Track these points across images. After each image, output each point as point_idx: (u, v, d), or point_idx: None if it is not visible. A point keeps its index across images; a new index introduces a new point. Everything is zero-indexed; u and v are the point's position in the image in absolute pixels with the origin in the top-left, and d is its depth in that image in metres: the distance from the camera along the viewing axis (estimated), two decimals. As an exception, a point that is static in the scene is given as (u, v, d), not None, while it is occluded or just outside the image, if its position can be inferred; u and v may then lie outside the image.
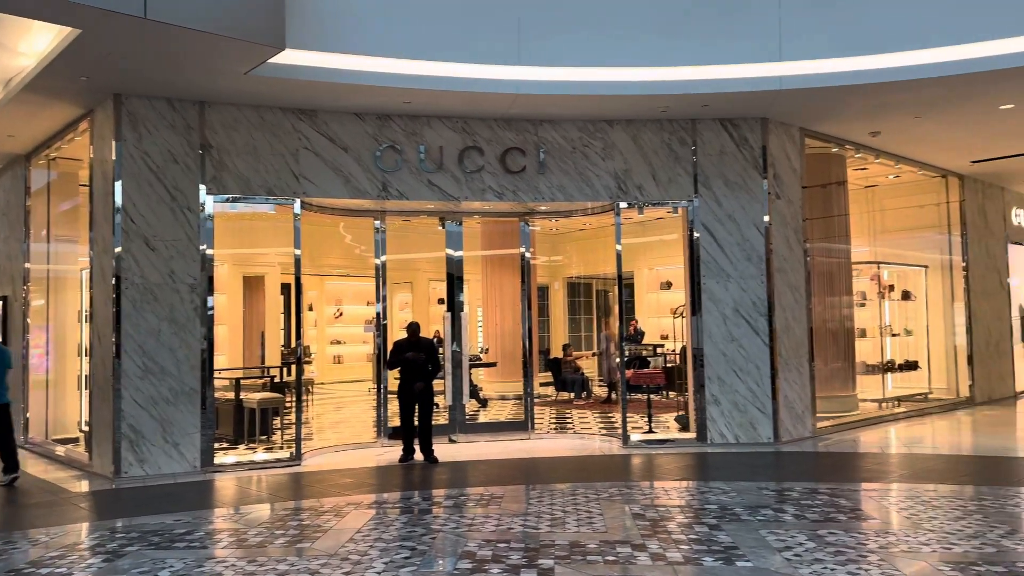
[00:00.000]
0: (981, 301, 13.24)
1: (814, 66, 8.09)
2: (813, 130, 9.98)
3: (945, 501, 6.15)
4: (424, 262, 14.87)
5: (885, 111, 9.17)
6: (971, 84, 8.17)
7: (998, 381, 13.59)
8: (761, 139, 9.32)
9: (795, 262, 9.64)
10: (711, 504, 6.19)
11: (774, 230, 9.36)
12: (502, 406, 12.27)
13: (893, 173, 12.23)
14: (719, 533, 5.27)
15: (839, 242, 11.17)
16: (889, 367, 12.48)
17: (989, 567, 4.41)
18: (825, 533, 5.21)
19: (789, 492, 6.58)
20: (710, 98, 8.54)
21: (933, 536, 5.10)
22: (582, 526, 5.52)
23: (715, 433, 9.17)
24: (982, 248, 13.44)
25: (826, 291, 10.93)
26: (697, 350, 9.27)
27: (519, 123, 9.16)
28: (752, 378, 9.18)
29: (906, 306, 13.18)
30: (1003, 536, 5.06)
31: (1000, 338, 13.78)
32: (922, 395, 12.78)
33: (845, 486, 6.90)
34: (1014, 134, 10.42)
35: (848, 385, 11.21)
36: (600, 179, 9.28)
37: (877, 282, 12.57)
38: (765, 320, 9.21)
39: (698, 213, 9.29)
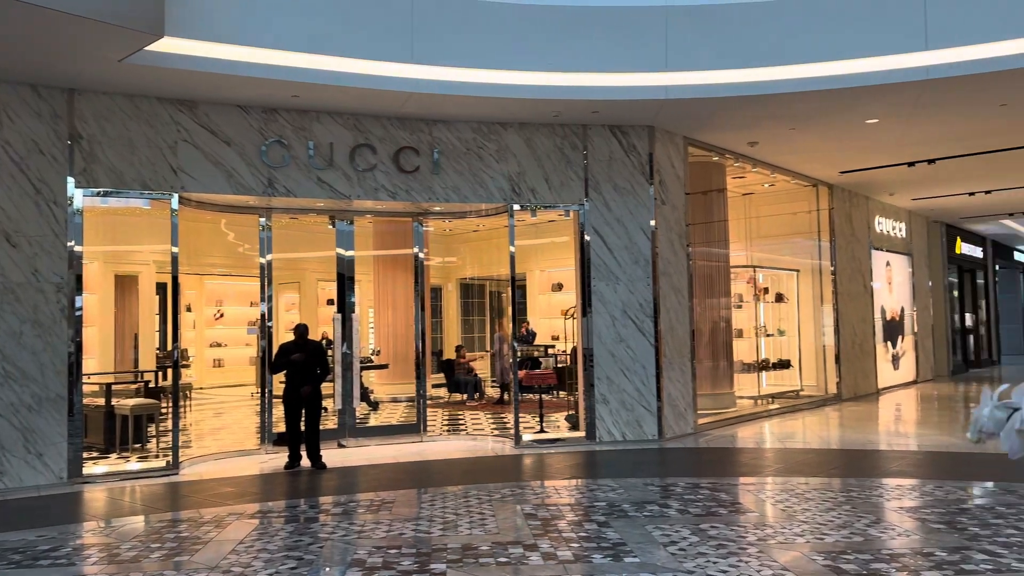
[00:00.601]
0: (847, 303, 14.15)
1: (698, 77, 8.41)
2: (696, 139, 10.38)
3: (816, 493, 6.52)
4: (313, 262, 14.48)
5: (763, 122, 9.66)
6: (840, 99, 8.71)
7: (862, 378, 14.57)
8: (648, 146, 9.61)
9: (679, 265, 10.00)
10: (600, 501, 6.32)
11: (660, 234, 9.67)
12: (394, 409, 12.11)
13: (769, 181, 12.90)
14: (608, 530, 5.38)
15: (718, 246, 11.68)
16: (764, 366, 13.15)
17: (857, 555, 4.70)
18: (707, 527, 5.41)
19: (673, 487, 6.80)
20: (600, 105, 8.73)
21: (806, 527, 5.39)
22: (475, 528, 5.51)
23: (603, 431, 9.38)
24: (848, 253, 14.37)
25: (706, 293, 11.39)
26: (587, 350, 9.45)
27: (413, 122, 9.07)
28: (639, 377, 9.45)
29: (779, 308, 13.92)
30: (869, 526, 5.41)
31: (864, 338, 14.78)
32: (794, 392, 13.53)
33: (725, 480, 7.20)
34: (878, 147, 11.20)
35: (726, 383, 11.73)
36: (494, 181, 9.32)
37: (753, 285, 13.22)
38: (651, 321, 9.50)
39: (589, 217, 9.48)
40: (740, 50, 8.35)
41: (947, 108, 9.17)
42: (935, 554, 4.66)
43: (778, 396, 13.12)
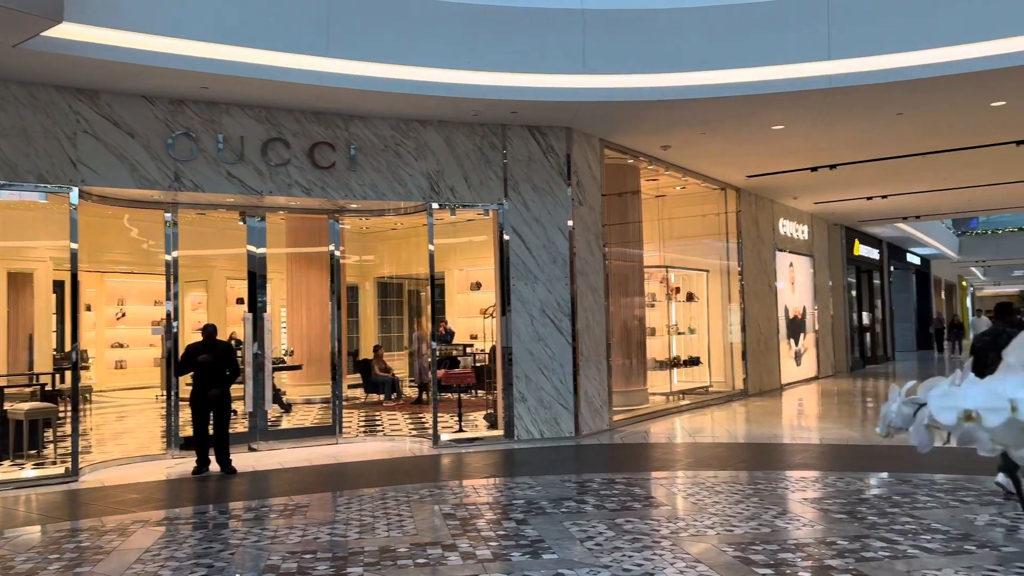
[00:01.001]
0: (753, 302, 14.69)
1: (614, 81, 8.56)
2: (612, 141, 10.57)
3: (725, 486, 6.74)
4: (222, 259, 14.02)
5: (675, 127, 9.91)
6: (748, 106, 9.03)
7: (767, 374, 15.15)
8: (566, 148, 9.72)
9: (596, 265, 10.16)
10: (518, 499, 6.35)
11: (577, 235, 9.79)
12: (308, 411, 11.86)
13: (680, 184, 13.25)
14: (526, 527, 5.42)
15: (633, 247, 11.92)
16: (675, 363, 13.51)
17: (765, 546, 4.88)
18: (623, 521, 5.51)
19: (590, 483, 6.90)
20: (519, 105, 8.77)
21: (716, 519, 5.56)
22: (392, 530, 5.45)
23: (522, 429, 9.44)
24: (755, 254, 14.92)
25: (621, 293, 11.62)
26: (506, 349, 9.49)
27: (329, 117, 8.89)
28: (557, 376, 9.55)
29: (690, 307, 14.33)
30: (775, 517, 5.62)
31: (769, 336, 15.37)
32: (703, 388, 13.96)
33: (639, 475, 7.36)
34: (783, 152, 11.66)
35: (640, 380, 11.99)
36: (413, 179, 9.23)
37: (666, 284, 13.56)
38: (569, 320, 9.62)
39: (508, 216, 9.52)
40: (655, 55, 8.54)
41: (848, 116, 9.63)
42: (837, 543, 4.89)
43: (688, 392, 13.51)
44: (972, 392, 1.15)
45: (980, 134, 10.73)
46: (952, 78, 8.08)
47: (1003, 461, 1.20)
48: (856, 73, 8.21)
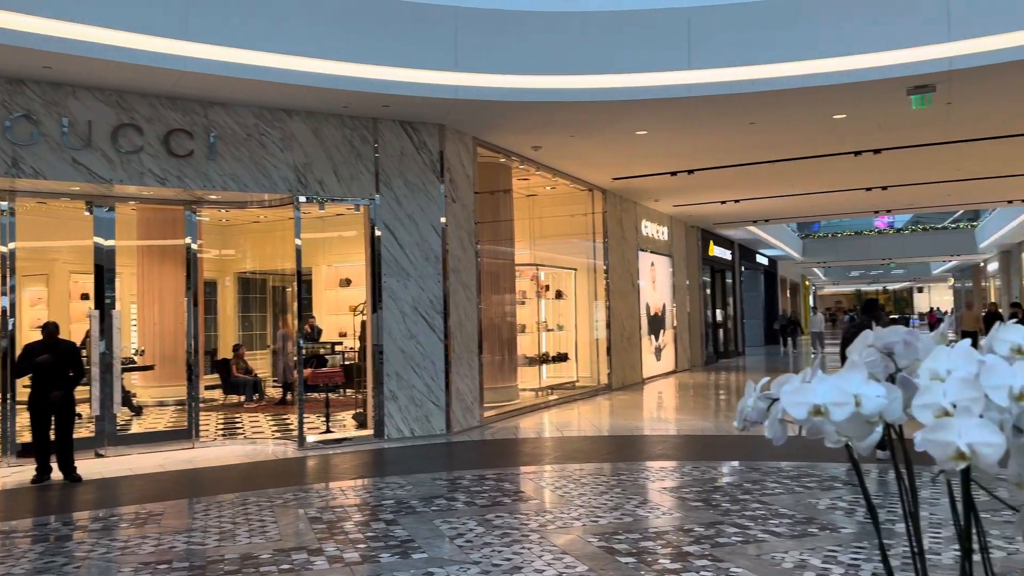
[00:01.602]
0: (618, 300, 15.21)
1: (487, 80, 8.61)
2: (485, 140, 10.63)
3: (591, 478, 6.94)
4: (65, 251, 12.98)
5: (546, 128, 10.09)
6: (614, 111, 9.33)
7: (630, 369, 15.74)
8: (439, 144, 9.68)
9: (468, 263, 10.18)
10: (388, 499, 6.27)
11: (450, 232, 9.78)
12: (161, 413, 11.21)
13: (551, 184, 13.52)
14: (396, 527, 5.36)
15: (505, 245, 12.05)
16: (544, 359, 13.78)
17: (627, 535, 5.06)
18: (493, 517, 5.56)
19: (460, 480, 6.92)
20: (390, 99, 8.65)
21: (582, 511, 5.72)
22: (254, 536, 5.24)
23: (392, 428, 9.33)
24: (619, 254, 15.45)
25: (493, 290, 11.71)
26: (377, 347, 9.34)
27: (186, 103, 8.42)
28: (428, 373, 9.50)
29: (559, 304, 14.66)
30: (637, 506, 5.85)
31: (632, 332, 15.97)
32: (570, 383, 14.32)
33: (509, 471, 7.45)
34: (646, 157, 12.13)
35: (511, 377, 12.14)
36: (278, 170, 8.90)
37: (536, 282, 13.80)
38: (441, 317, 9.59)
39: (379, 212, 9.37)
40: (527, 57, 8.66)
41: (706, 124, 10.14)
42: (694, 530, 5.14)
43: (557, 387, 13.82)
44: (820, 388, 1.23)
45: (823, 145, 11.59)
46: (799, 91, 8.68)
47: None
48: (714, 83, 8.66)
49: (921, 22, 8.00)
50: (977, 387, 1.04)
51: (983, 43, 7.82)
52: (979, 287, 40.68)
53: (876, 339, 1.46)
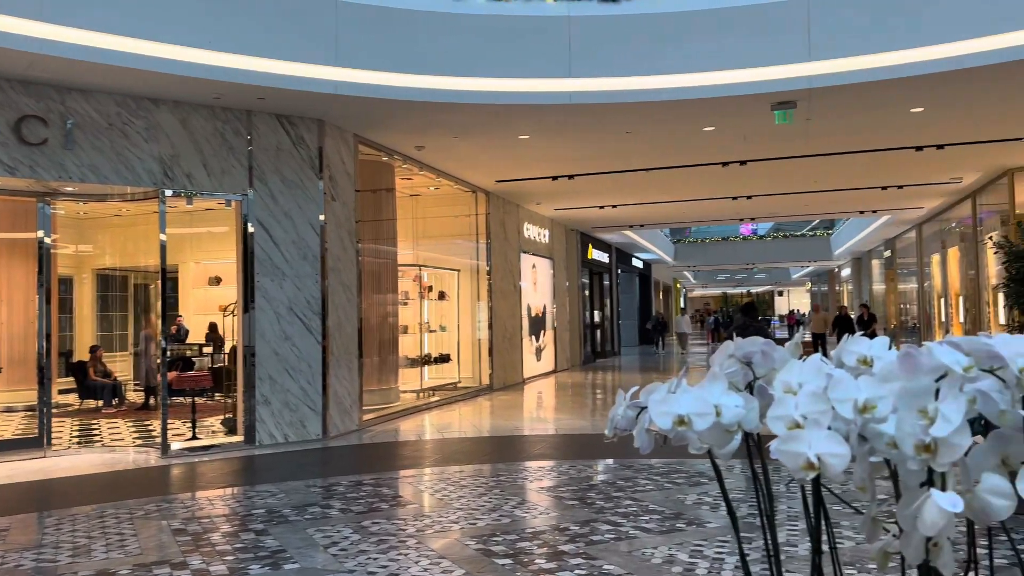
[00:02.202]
0: (500, 301, 15.33)
1: (368, 76, 8.46)
2: (367, 138, 10.45)
3: (470, 480, 6.95)
4: None
5: (429, 128, 10.03)
6: (497, 115, 9.39)
7: (511, 369, 15.89)
8: (318, 140, 9.43)
9: (348, 262, 9.97)
10: (258, 508, 6.04)
11: (329, 230, 9.54)
12: (8, 420, 10.34)
13: (434, 185, 13.46)
14: (266, 538, 5.17)
15: (387, 244, 11.90)
16: (426, 360, 13.70)
17: (505, 536, 5.09)
18: (369, 524, 5.46)
19: (336, 487, 6.76)
20: (266, 92, 8.34)
21: (461, 514, 5.71)
22: (112, 551, 4.92)
23: (264, 434, 9.00)
24: (502, 255, 15.58)
25: (374, 290, 11.54)
26: (249, 349, 8.99)
27: (41, 88, 7.80)
28: (304, 376, 9.23)
29: (441, 305, 14.62)
30: (515, 507, 5.90)
31: (513, 333, 16.13)
32: (452, 384, 14.30)
33: (387, 475, 7.35)
34: (529, 161, 12.29)
35: (391, 378, 12.00)
36: (143, 162, 8.40)
37: (419, 283, 13.70)
38: (319, 318, 9.34)
39: (253, 208, 9.02)
40: (410, 56, 8.58)
41: (586, 131, 10.38)
42: (569, 528, 5.24)
43: (438, 389, 13.76)
44: (684, 399, 1.27)
45: (694, 155, 12.12)
46: (672, 104, 9.04)
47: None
48: (593, 92, 8.88)
49: (784, 42, 8.51)
50: (825, 400, 1.10)
51: (839, 64, 8.40)
52: (833, 291, 43.75)
53: (736, 349, 1.52)
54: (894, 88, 8.63)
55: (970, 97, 9.12)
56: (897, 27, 8.16)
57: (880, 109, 9.57)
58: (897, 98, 9.09)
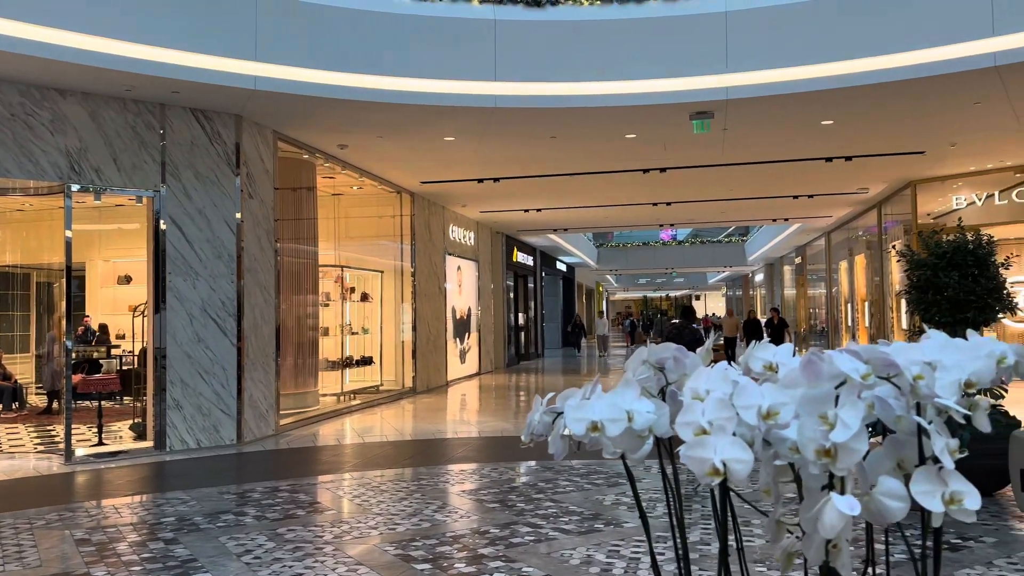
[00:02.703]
0: (424, 303, 15.23)
1: (289, 72, 8.28)
2: (287, 135, 10.22)
3: (391, 484, 6.87)
4: None
5: (352, 127, 9.88)
6: (421, 115, 9.33)
7: (435, 372, 15.81)
8: (235, 136, 9.17)
9: (266, 262, 9.72)
10: (168, 516, 5.82)
11: (246, 229, 9.29)
12: None
13: (357, 185, 13.27)
14: (176, 547, 4.98)
15: (307, 244, 11.66)
16: (348, 363, 13.49)
17: (425, 541, 5.05)
18: (285, 531, 5.33)
19: (251, 493, 6.57)
20: (181, 85, 8.06)
21: (380, 519, 5.64)
22: (10, 563, 4.65)
23: (175, 440, 8.68)
24: (427, 257, 15.48)
25: (294, 291, 11.29)
26: (159, 351, 8.66)
27: (-68, 72, 7.33)
28: (218, 380, 8.95)
29: (364, 307, 14.42)
30: (436, 511, 5.86)
31: (437, 335, 16.05)
32: (374, 387, 14.12)
33: (304, 481, 7.19)
34: (454, 163, 12.25)
35: (311, 381, 11.76)
36: (47, 155, 7.99)
37: (341, 284, 13.48)
38: (234, 320, 9.07)
39: (165, 204, 8.70)
40: (332, 52, 8.43)
41: (511, 135, 10.42)
42: (490, 531, 5.24)
43: (360, 392, 13.57)
44: (598, 405, 1.28)
45: (616, 161, 12.32)
46: (594, 110, 9.17)
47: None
48: (517, 96, 8.93)
49: (703, 54, 8.74)
50: (731, 407, 1.13)
51: (754, 76, 8.68)
52: (747, 295, 45.21)
53: (649, 355, 1.55)
54: (806, 101, 8.99)
55: (876, 112, 9.57)
56: (809, 43, 8.50)
57: (793, 121, 9.94)
58: (809, 111, 9.47)
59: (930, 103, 9.18)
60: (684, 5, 8.74)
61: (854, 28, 8.32)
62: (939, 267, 6.30)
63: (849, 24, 8.34)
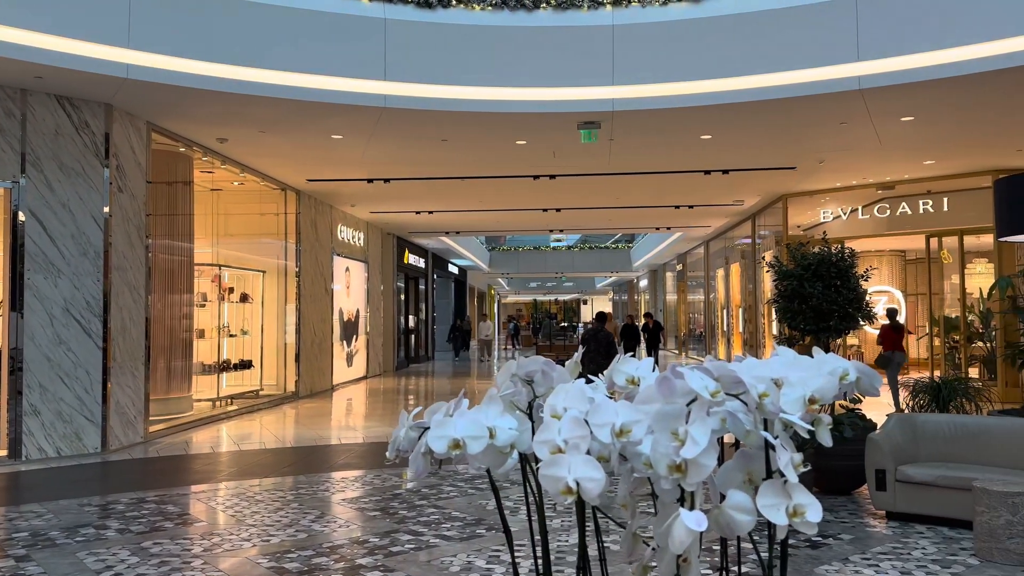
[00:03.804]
0: (309, 304, 14.83)
1: (165, 61, 7.88)
2: (161, 126, 9.72)
3: (267, 494, 6.63)
4: None
5: (233, 120, 9.50)
6: (307, 112, 9.08)
7: (319, 376, 15.42)
8: (104, 126, 8.64)
9: (136, 260, 9.21)
10: (21, 531, 5.40)
11: (115, 224, 8.76)
12: None
13: (238, 180, 12.77)
14: (28, 564, 4.63)
15: (182, 241, 11.11)
16: (225, 366, 12.95)
17: (300, 552, 4.90)
18: (150, 544, 5.06)
19: (115, 505, 6.20)
20: (45, 70, 7.53)
21: (255, 530, 5.43)
22: None
23: (33, 448, 8.08)
24: (313, 257, 15.08)
25: (167, 291, 10.73)
26: (15, 353, 8.03)
27: None
28: (82, 384, 8.39)
29: (244, 308, 13.88)
30: (314, 521, 5.70)
31: (323, 338, 15.67)
32: (254, 392, 13.62)
33: (174, 491, 6.84)
34: (343, 161, 12.00)
35: (185, 386, 11.21)
36: None
37: (218, 284, 12.93)
38: (100, 321, 8.54)
39: (25, 196, 8.09)
40: (212, 42, 8.09)
41: (401, 136, 10.30)
42: (369, 540, 5.14)
43: (238, 397, 13.05)
44: (460, 422, 1.26)
45: (508, 166, 12.42)
46: (485, 115, 9.20)
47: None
48: (408, 97, 8.84)
49: (592, 66, 8.93)
50: (585, 425, 1.14)
51: (639, 90, 8.95)
52: (633, 300, 46.61)
53: (519, 368, 1.54)
54: (687, 116, 9.34)
55: (752, 128, 10.06)
56: (692, 60, 8.83)
57: (675, 134, 10.31)
58: (689, 125, 9.84)
59: (801, 122, 9.73)
60: (574, 16, 8.91)
61: (733, 48, 8.72)
62: (804, 278, 6.68)
63: (728, 44, 8.73)
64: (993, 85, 8.20)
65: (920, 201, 14.04)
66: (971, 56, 7.75)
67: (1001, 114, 9.41)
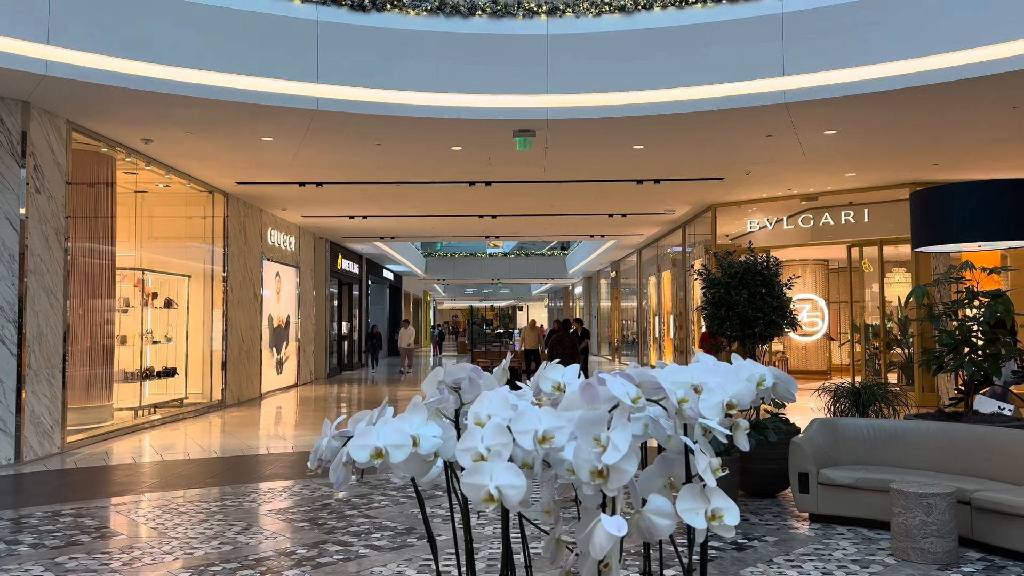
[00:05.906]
0: (237, 310, 14.47)
1: (86, 59, 7.59)
2: (83, 125, 9.36)
3: (191, 506, 6.42)
4: None
5: (158, 121, 9.22)
6: (236, 113, 8.87)
7: (247, 384, 15.04)
8: (21, 124, 8.27)
9: (54, 264, 8.83)
10: (-80, 552, 5.09)
11: (32, 226, 8.39)
12: None
13: (164, 182, 12.39)
14: (-73, 588, 4.37)
15: (104, 245, 10.70)
16: (148, 374, 12.52)
17: (225, 565, 4.76)
18: (66, 560, 4.84)
19: (28, 519, 5.91)
20: (-45, 62, 7.17)
21: (177, 543, 5.25)
22: None
23: (-65, 462, 7.64)
24: (241, 262, 14.73)
25: (88, 296, 10.31)
26: (-84, 362, 7.58)
27: None
28: (-9, 393, 7.99)
29: (168, 313, 13.45)
30: (239, 532, 5.54)
31: (251, 344, 15.30)
32: (178, 401, 13.20)
33: (92, 504, 6.57)
34: (273, 164, 11.76)
35: (105, 394, 10.79)
36: None
37: (141, 288, 12.50)
38: (14, 327, 8.15)
39: (-71, 196, 7.66)
40: (135, 40, 7.83)
41: (334, 139, 10.16)
42: (296, 552, 5.03)
43: (161, 405, 12.63)
44: (383, 431, 1.24)
45: (443, 172, 12.38)
46: (418, 120, 9.15)
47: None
48: (340, 100, 8.73)
49: (526, 74, 8.99)
50: (508, 433, 1.14)
51: (572, 99, 9.05)
52: (568, 307, 47.00)
53: (446, 375, 1.53)
54: (619, 126, 9.49)
55: (682, 139, 10.29)
56: (623, 71, 8.98)
57: (608, 144, 10.46)
58: (622, 135, 10.00)
59: (728, 134, 9.99)
60: (510, 24, 8.95)
61: (663, 60, 8.90)
62: (731, 286, 6.85)
63: (659, 56, 8.91)
64: (911, 102, 8.59)
65: (842, 212, 14.58)
66: (890, 73, 8.10)
67: (918, 130, 9.86)
